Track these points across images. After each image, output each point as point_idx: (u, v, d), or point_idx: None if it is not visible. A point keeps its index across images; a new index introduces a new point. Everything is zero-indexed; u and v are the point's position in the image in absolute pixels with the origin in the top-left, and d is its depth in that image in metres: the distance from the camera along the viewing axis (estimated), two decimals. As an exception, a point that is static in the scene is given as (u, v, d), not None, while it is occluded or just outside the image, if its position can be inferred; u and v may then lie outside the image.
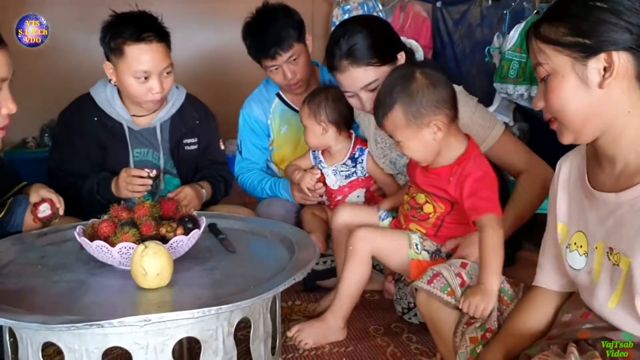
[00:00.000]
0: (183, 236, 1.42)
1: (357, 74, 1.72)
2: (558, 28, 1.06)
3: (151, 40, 1.90)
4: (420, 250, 1.63)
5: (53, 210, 1.75)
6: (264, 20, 2.15)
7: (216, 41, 4.34)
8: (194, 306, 1.16)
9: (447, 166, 1.57)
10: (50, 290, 1.30)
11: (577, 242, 1.16)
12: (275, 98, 2.35)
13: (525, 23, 2.41)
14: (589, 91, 1.05)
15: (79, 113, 2.07)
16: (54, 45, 4.07)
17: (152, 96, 1.95)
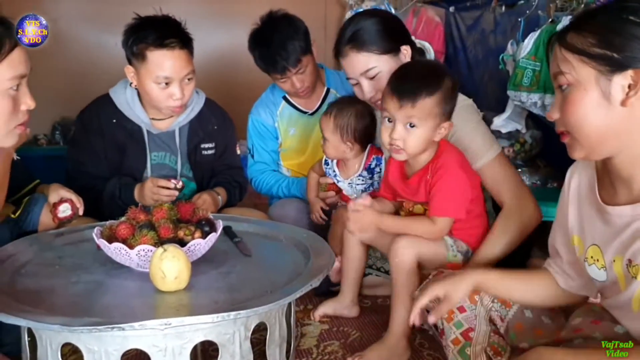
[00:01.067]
0: (201, 239, 1.43)
1: (357, 59, 1.74)
2: (586, 38, 1.03)
3: (174, 46, 1.90)
4: (455, 252, 1.64)
5: (73, 211, 1.77)
6: (269, 32, 2.17)
7: (227, 42, 4.36)
8: (212, 310, 1.17)
9: (423, 168, 1.62)
10: (69, 291, 1.32)
11: (593, 255, 1.15)
12: (282, 101, 2.38)
13: (540, 32, 2.41)
14: (610, 108, 1.02)
15: (98, 114, 2.08)
16: (65, 42, 4.12)
17: (173, 102, 1.96)
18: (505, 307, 1.37)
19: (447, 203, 1.59)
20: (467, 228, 1.67)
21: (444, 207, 1.59)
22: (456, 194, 1.59)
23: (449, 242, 1.65)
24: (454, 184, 1.58)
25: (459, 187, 1.59)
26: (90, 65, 4.02)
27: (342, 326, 1.83)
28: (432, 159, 1.62)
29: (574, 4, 2.36)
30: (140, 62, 1.93)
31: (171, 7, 4.02)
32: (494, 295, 1.35)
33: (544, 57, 2.37)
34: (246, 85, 4.20)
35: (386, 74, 1.69)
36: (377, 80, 1.75)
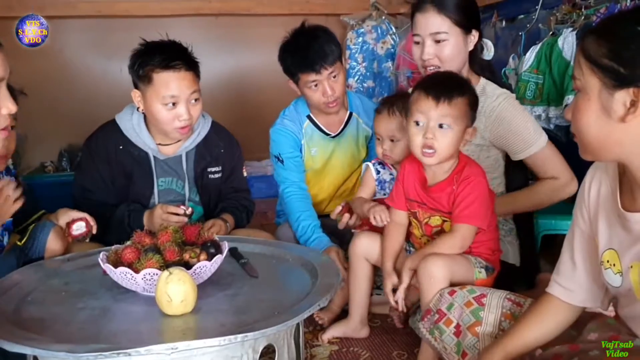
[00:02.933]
0: (206, 262, 1.42)
1: (433, 18, 1.82)
2: (600, 47, 0.99)
3: (179, 68, 1.91)
4: (480, 269, 1.62)
5: (88, 228, 1.79)
6: (305, 39, 2.16)
7: (234, 65, 4.40)
8: (219, 333, 1.16)
9: (447, 179, 1.62)
10: (76, 318, 1.31)
11: (609, 259, 1.12)
12: (306, 119, 2.35)
13: (541, 45, 2.42)
14: (609, 122, 1.00)
15: (104, 141, 2.07)
16: (71, 70, 4.16)
17: (180, 123, 1.95)
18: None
19: (474, 212, 1.58)
20: (485, 241, 1.66)
21: (471, 215, 1.58)
22: (482, 203, 1.59)
23: (472, 259, 1.63)
24: (481, 194, 1.59)
25: (485, 198, 1.60)
26: (97, 92, 4.05)
27: (352, 347, 1.80)
28: (456, 169, 1.62)
29: (574, 16, 2.37)
30: (146, 85, 1.94)
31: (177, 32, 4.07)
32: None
33: (546, 70, 2.37)
34: (255, 107, 4.25)
35: (450, 45, 1.82)
36: (440, 46, 1.83)
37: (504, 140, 1.86)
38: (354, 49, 4.10)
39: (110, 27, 4.10)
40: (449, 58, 1.84)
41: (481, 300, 1.43)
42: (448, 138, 1.56)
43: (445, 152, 1.58)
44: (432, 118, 1.56)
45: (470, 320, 1.41)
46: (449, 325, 1.44)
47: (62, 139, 4.02)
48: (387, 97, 2.08)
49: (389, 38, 4.05)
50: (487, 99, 1.87)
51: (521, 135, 1.83)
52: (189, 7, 4.12)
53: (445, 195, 1.62)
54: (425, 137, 1.57)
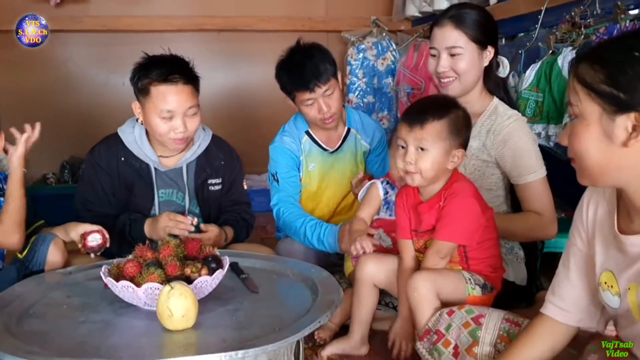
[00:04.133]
0: (207, 277, 1.43)
1: (450, 33, 1.89)
2: (596, 72, 1.00)
3: (177, 81, 1.94)
4: (474, 285, 1.63)
5: (103, 240, 1.81)
6: (300, 57, 2.19)
7: (234, 79, 4.44)
8: (220, 349, 1.17)
9: (436, 196, 1.65)
10: (77, 332, 1.32)
11: (607, 281, 1.13)
12: (305, 135, 2.37)
13: (541, 63, 2.44)
14: (611, 146, 1.00)
15: (106, 153, 2.10)
16: (74, 82, 4.20)
17: (175, 135, 1.98)
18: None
19: (454, 228, 1.59)
20: (484, 258, 1.67)
21: (450, 232, 1.60)
22: (465, 221, 1.60)
23: (466, 275, 1.64)
24: (464, 211, 1.60)
25: (470, 215, 1.61)
26: (99, 105, 4.08)
27: (340, 352, 1.80)
28: (445, 185, 1.64)
29: (574, 35, 2.40)
30: (145, 97, 1.97)
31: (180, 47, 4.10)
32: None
33: (545, 88, 2.39)
34: (255, 122, 4.28)
35: (465, 59, 1.88)
36: (455, 59, 1.88)
37: (505, 161, 1.88)
38: (354, 65, 4.13)
39: (114, 41, 4.14)
40: (464, 71, 1.89)
41: (479, 320, 1.44)
42: (427, 161, 1.59)
43: (426, 172, 1.60)
44: (409, 142, 1.61)
45: (468, 341, 1.42)
46: (448, 346, 1.45)
47: (64, 151, 4.04)
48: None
49: (389, 54, 4.09)
50: (497, 118, 1.90)
51: (523, 160, 1.85)
52: (191, 22, 4.17)
53: (433, 212, 1.64)
54: (404, 160, 1.61)
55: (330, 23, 4.41)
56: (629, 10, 2.19)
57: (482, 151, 1.91)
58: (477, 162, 1.92)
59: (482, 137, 1.90)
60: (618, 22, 2.17)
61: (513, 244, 1.98)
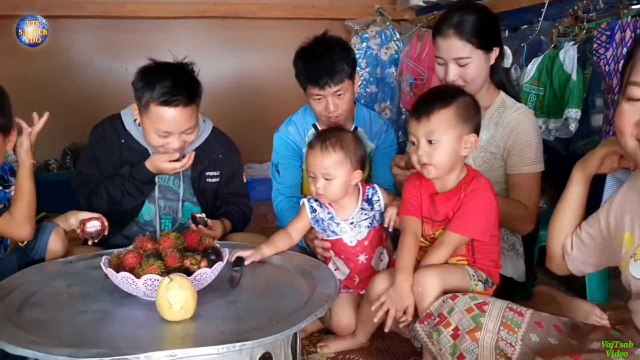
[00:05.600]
0: (207, 269, 1.44)
1: (455, 44, 1.88)
2: None
3: (178, 104, 1.91)
4: (477, 281, 1.63)
5: (103, 227, 1.83)
6: (321, 49, 2.15)
7: (238, 67, 4.43)
8: (218, 341, 1.18)
9: (454, 188, 1.65)
10: (77, 321, 1.34)
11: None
12: (311, 128, 2.35)
13: (543, 57, 2.43)
14: None
15: (109, 132, 2.12)
16: (76, 69, 4.19)
17: (167, 148, 2.00)
18: (513, 333, 1.37)
19: (470, 223, 1.60)
20: (489, 253, 1.68)
21: (466, 226, 1.60)
22: (483, 217, 1.61)
23: (470, 271, 1.64)
24: (485, 206, 1.61)
25: (489, 211, 1.62)
26: (101, 91, 4.08)
27: (347, 354, 1.82)
28: (465, 179, 1.65)
29: (576, 30, 2.39)
30: (144, 111, 1.96)
31: (182, 34, 4.10)
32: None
33: (547, 82, 2.39)
34: (258, 110, 4.28)
35: (474, 66, 1.88)
36: (464, 68, 1.89)
37: (508, 151, 1.90)
38: (357, 54, 4.10)
39: (117, 27, 4.13)
40: (473, 78, 1.90)
41: (483, 307, 1.44)
42: (439, 151, 1.59)
43: (441, 163, 1.60)
44: (419, 135, 1.61)
45: (470, 326, 1.42)
46: (448, 327, 1.45)
47: (66, 137, 4.05)
48: (321, 131, 2.03)
49: (392, 44, 4.07)
50: (506, 110, 1.93)
51: (524, 151, 1.87)
52: (194, 9, 4.15)
53: (451, 204, 1.64)
54: (417, 154, 1.62)
55: (334, 11, 4.39)
56: (632, 5, 2.18)
57: (490, 143, 1.92)
58: (486, 154, 1.93)
59: (490, 130, 1.92)
60: (620, 17, 2.16)
61: (515, 240, 1.98)
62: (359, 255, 1.86)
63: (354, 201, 1.85)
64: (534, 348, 1.32)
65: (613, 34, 2.08)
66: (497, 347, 1.36)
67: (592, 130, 2.33)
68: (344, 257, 1.88)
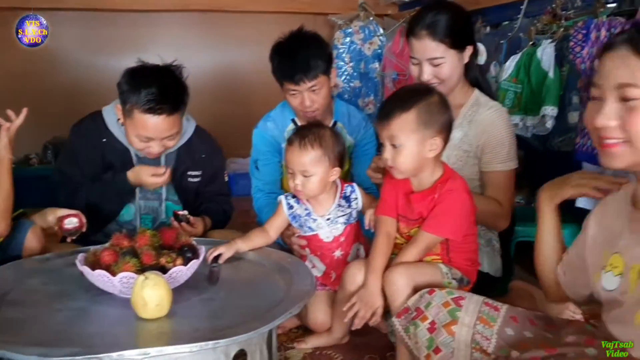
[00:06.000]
0: (182, 266, 1.45)
1: (429, 45, 1.89)
2: None
3: (162, 112, 1.90)
4: (450, 279, 1.65)
5: (81, 223, 1.83)
6: (296, 45, 2.16)
7: (221, 61, 4.42)
8: (192, 339, 1.19)
9: (430, 188, 1.65)
10: (52, 319, 1.34)
11: (613, 263, 1.15)
12: (290, 123, 2.36)
13: (521, 54, 2.46)
14: None
15: (90, 131, 2.10)
16: (56, 63, 4.16)
17: (149, 151, 2.01)
18: (489, 327, 1.40)
19: (443, 223, 1.62)
20: (465, 252, 1.70)
21: (438, 226, 1.62)
22: (457, 216, 1.63)
23: (444, 269, 1.66)
24: (459, 206, 1.62)
25: (463, 211, 1.63)
26: (83, 85, 4.05)
27: (325, 349, 1.84)
28: (441, 179, 1.65)
29: (554, 27, 2.41)
30: (127, 115, 1.95)
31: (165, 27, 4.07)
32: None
33: (525, 80, 2.41)
34: (241, 104, 4.27)
35: (448, 66, 1.89)
36: (438, 68, 1.90)
37: (481, 149, 1.91)
38: (341, 49, 4.12)
39: (98, 20, 4.10)
40: (447, 77, 1.91)
41: (459, 301, 1.46)
42: (402, 154, 1.60)
43: (404, 166, 1.61)
44: (384, 139, 1.63)
45: (447, 319, 1.44)
46: (425, 321, 1.47)
47: (47, 132, 4.02)
48: (300, 127, 2.03)
49: (376, 39, 4.08)
50: (479, 108, 1.93)
51: (497, 149, 1.88)
52: (178, 2, 4.13)
53: (426, 203, 1.65)
54: (384, 157, 1.63)
55: (317, 5, 4.38)
56: (608, 4, 2.20)
57: (464, 141, 1.94)
58: (459, 152, 1.94)
59: (464, 128, 1.93)
60: (597, 15, 2.19)
61: (491, 235, 2.01)
62: (334, 250, 1.89)
63: (331, 198, 1.87)
64: (509, 342, 1.35)
65: (589, 32, 2.10)
66: (473, 341, 1.38)
67: (569, 127, 2.36)
68: (320, 254, 1.90)
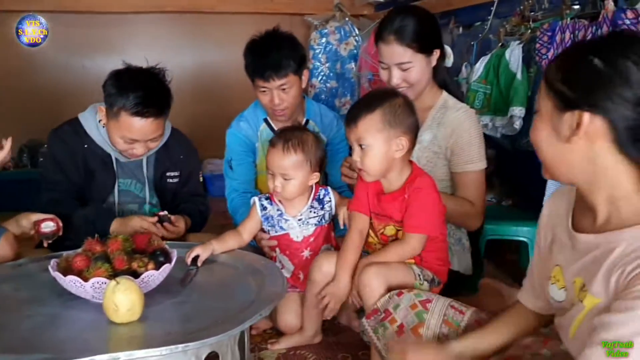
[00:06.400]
0: (154, 271, 1.47)
1: (397, 49, 1.92)
2: (557, 71, 1.05)
3: (149, 116, 1.93)
4: (422, 281, 1.68)
5: (58, 227, 1.83)
6: (269, 44, 2.20)
7: (198, 62, 4.44)
8: (164, 342, 1.21)
9: (399, 189, 1.69)
10: (23, 326, 1.34)
11: (555, 275, 1.19)
12: (263, 122, 2.39)
13: (490, 56, 2.50)
14: (558, 141, 1.05)
15: (70, 136, 2.11)
16: (33, 65, 4.13)
17: (132, 153, 2.03)
18: (453, 329, 1.44)
19: (423, 220, 1.65)
20: (436, 251, 1.73)
21: (420, 224, 1.65)
22: (431, 212, 1.66)
23: (416, 270, 1.69)
24: (430, 203, 1.66)
25: (435, 207, 1.67)
26: (59, 88, 4.04)
27: (298, 349, 1.87)
28: (409, 179, 1.69)
29: (522, 29, 2.46)
30: (113, 116, 1.96)
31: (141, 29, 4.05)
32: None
33: (494, 81, 2.46)
34: (218, 105, 4.28)
35: (416, 70, 1.93)
36: (407, 72, 1.94)
37: (451, 151, 1.95)
38: (317, 49, 4.15)
39: (74, 22, 4.08)
40: (416, 81, 1.95)
41: (426, 304, 1.51)
42: (369, 156, 1.64)
43: (372, 168, 1.65)
44: (352, 141, 1.67)
45: (414, 322, 1.48)
46: (393, 323, 1.51)
47: (22, 135, 3.99)
48: (283, 129, 2.03)
49: (351, 39, 4.12)
50: (447, 111, 1.97)
51: (465, 150, 1.92)
52: (153, 4, 4.14)
53: (397, 204, 1.68)
54: (353, 159, 1.67)
55: (293, 6, 4.42)
56: (573, 5, 2.26)
57: (433, 143, 1.97)
58: (429, 154, 1.98)
59: (433, 130, 1.97)
60: (563, 17, 2.24)
61: (461, 234, 2.05)
62: (303, 250, 1.92)
63: (304, 199, 1.91)
64: None
65: (554, 34, 2.15)
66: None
67: (537, 127, 2.40)
68: (289, 253, 1.93)
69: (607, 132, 0.99)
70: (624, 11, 1.91)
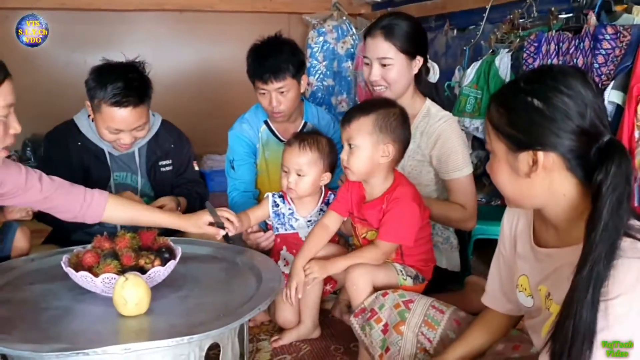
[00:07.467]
0: (160, 267, 1.57)
1: (381, 44, 2.01)
2: (501, 115, 1.12)
3: (128, 105, 2.02)
4: (405, 277, 1.78)
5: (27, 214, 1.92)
6: (270, 48, 2.32)
7: (197, 60, 4.49)
8: (169, 334, 1.32)
9: (379, 198, 1.78)
10: (40, 317, 1.44)
11: (522, 284, 1.28)
12: (263, 124, 2.49)
13: (481, 62, 2.59)
14: (519, 178, 1.12)
15: (64, 135, 2.22)
16: (35, 60, 4.20)
17: (120, 144, 2.13)
18: (432, 329, 1.55)
19: (396, 231, 1.74)
20: (417, 254, 1.83)
21: (393, 234, 1.75)
22: (406, 223, 1.74)
23: (398, 267, 1.79)
24: (406, 214, 1.74)
25: (411, 218, 1.75)
26: (60, 83, 4.10)
27: (294, 340, 1.98)
28: (389, 189, 1.77)
29: (512, 37, 2.55)
30: (96, 110, 2.07)
31: (141, 26, 4.11)
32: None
33: (484, 87, 2.56)
34: (217, 102, 4.36)
35: (395, 69, 2.01)
36: (386, 69, 2.02)
37: (437, 160, 2.03)
38: (315, 48, 4.23)
39: (75, 19, 4.15)
40: (393, 80, 2.02)
41: (408, 304, 1.61)
42: (356, 156, 1.73)
43: (356, 168, 1.74)
44: (344, 140, 1.76)
45: (397, 320, 1.59)
46: (379, 323, 1.62)
47: (26, 129, 4.01)
48: (300, 131, 2.22)
49: (349, 38, 4.20)
50: (429, 120, 2.05)
51: (451, 158, 2.00)
52: (153, 2, 4.19)
53: (375, 213, 1.78)
54: (342, 157, 1.78)
55: (291, 5, 4.48)
56: (560, 15, 2.35)
57: (417, 152, 2.06)
58: (413, 162, 2.07)
59: (416, 139, 2.04)
60: (551, 27, 2.33)
61: (449, 233, 2.16)
62: None
63: (315, 201, 2.04)
64: (449, 344, 1.49)
65: (540, 45, 2.24)
66: (418, 342, 1.54)
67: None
68: (295, 252, 2.00)
69: (561, 163, 1.08)
70: (604, 26, 2.00)
